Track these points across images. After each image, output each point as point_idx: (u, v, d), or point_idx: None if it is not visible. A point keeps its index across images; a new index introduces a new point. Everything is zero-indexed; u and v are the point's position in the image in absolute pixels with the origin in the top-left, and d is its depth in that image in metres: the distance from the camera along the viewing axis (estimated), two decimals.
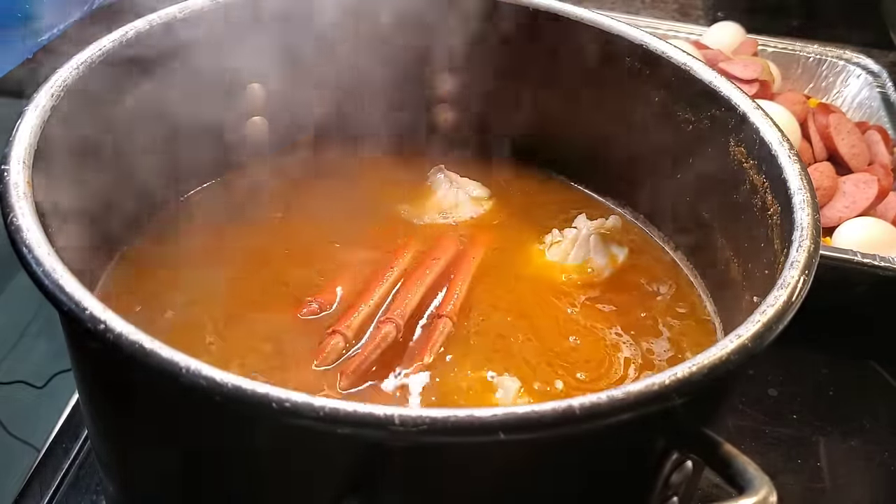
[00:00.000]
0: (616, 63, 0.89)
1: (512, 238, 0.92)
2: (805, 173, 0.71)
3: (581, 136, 0.96)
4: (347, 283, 0.82)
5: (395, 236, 0.90)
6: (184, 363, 0.51)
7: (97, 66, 0.75)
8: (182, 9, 0.83)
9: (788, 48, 1.54)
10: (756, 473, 0.53)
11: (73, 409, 0.97)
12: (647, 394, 0.52)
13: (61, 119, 0.70)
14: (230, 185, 0.94)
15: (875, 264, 1.04)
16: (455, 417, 0.50)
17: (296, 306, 0.79)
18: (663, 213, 0.93)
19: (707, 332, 0.83)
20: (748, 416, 1.04)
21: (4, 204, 0.60)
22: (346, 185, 0.96)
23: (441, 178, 0.96)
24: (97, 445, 0.75)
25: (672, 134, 0.87)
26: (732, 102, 0.79)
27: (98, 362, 0.62)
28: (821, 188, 1.23)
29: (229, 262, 0.84)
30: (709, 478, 0.60)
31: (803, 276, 0.62)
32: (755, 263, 0.75)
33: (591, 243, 0.88)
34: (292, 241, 0.88)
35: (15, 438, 1.15)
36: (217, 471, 0.61)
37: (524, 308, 0.83)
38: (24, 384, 1.22)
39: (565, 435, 0.53)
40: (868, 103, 1.44)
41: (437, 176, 0.96)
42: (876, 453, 1.02)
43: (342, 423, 0.49)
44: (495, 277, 0.86)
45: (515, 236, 0.92)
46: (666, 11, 1.86)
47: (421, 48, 0.95)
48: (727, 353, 0.56)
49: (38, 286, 0.56)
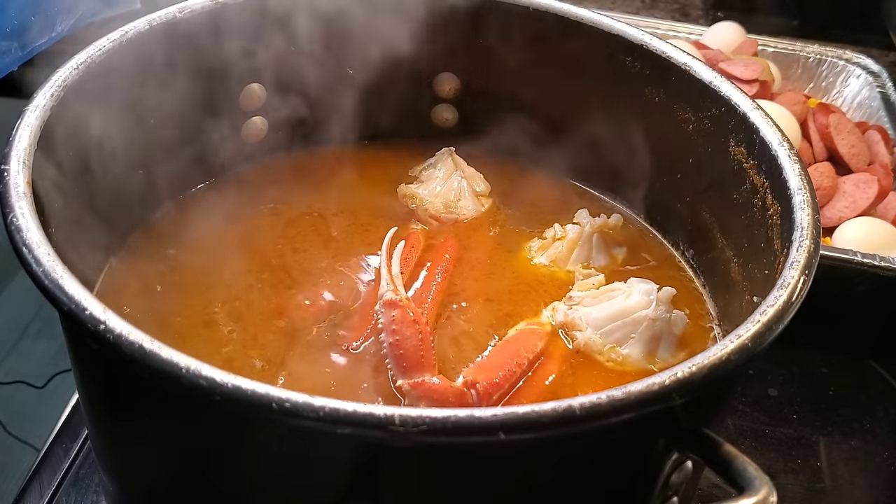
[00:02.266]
0: (616, 63, 0.89)
1: (509, 239, 0.91)
2: (805, 173, 0.71)
3: (581, 136, 0.95)
4: (348, 282, 0.83)
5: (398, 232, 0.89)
6: (184, 363, 0.51)
7: (97, 67, 0.75)
8: (182, 9, 0.83)
9: (788, 48, 1.54)
10: (756, 473, 0.53)
11: (73, 409, 0.97)
12: (648, 394, 0.52)
13: (61, 119, 0.70)
14: (229, 183, 0.94)
15: (875, 264, 1.04)
16: (455, 417, 0.50)
17: (302, 304, 0.80)
18: (663, 213, 0.93)
19: (706, 332, 0.83)
20: (748, 416, 1.04)
21: (4, 204, 0.60)
22: (345, 185, 0.96)
23: (447, 160, 0.95)
24: (97, 445, 0.75)
25: (672, 134, 0.87)
26: (732, 102, 0.79)
27: (98, 362, 0.62)
28: (821, 188, 1.23)
29: (230, 261, 0.84)
30: (709, 478, 0.60)
31: (803, 276, 0.62)
32: (755, 263, 0.75)
33: (594, 242, 0.88)
34: (292, 239, 0.88)
35: (15, 438, 1.15)
36: (217, 471, 0.61)
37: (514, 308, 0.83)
38: (24, 384, 1.22)
39: (565, 435, 0.53)
40: (868, 103, 1.44)
41: (444, 157, 0.95)
42: (876, 453, 1.02)
43: (342, 423, 0.49)
44: (494, 276, 0.86)
45: (513, 238, 0.92)
46: (666, 11, 1.86)
47: (421, 48, 0.95)
48: (727, 353, 0.56)
49: (38, 286, 0.56)
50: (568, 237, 0.88)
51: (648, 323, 0.77)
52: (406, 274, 0.81)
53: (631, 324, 0.78)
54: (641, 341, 0.77)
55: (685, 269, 0.89)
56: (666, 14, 1.84)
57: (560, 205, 0.95)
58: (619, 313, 0.78)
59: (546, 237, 0.90)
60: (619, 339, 0.78)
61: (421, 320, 0.73)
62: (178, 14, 0.83)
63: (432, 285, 0.82)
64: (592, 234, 0.88)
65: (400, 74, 0.97)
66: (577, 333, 0.79)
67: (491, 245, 0.90)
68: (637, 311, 0.78)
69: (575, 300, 0.81)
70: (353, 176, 0.97)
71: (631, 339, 0.78)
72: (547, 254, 0.89)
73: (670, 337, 0.78)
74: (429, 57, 0.97)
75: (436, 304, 0.81)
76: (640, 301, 0.78)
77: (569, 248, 0.88)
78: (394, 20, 0.93)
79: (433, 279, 0.83)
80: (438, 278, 0.83)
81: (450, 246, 0.88)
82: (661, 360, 0.78)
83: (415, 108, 1.01)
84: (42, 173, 0.66)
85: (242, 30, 0.88)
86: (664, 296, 0.78)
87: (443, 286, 0.83)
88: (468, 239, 0.91)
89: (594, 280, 0.83)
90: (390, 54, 0.95)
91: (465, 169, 0.95)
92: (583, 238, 0.88)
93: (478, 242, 0.90)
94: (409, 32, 0.93)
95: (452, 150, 0.95)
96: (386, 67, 0.96)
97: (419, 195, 0.92)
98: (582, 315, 0.80)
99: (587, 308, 0.80)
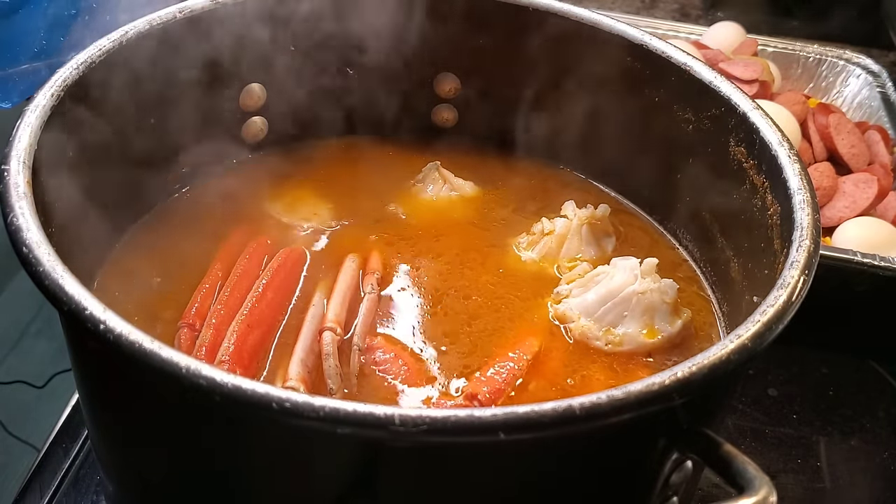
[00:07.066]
0: (616, 63, 0.89)
1: (502, 238, 0.91)
2: (805, 173, 0.71)
3: (581, 136, 0.95)
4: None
5: (386, 238, 0.89)
6: (184, 363, 0.51)
7: (97, 67, 0.75)
8: (182, 9, 0.83)
9: (788, 48, 1.54)
10: (756, 473, 0.53)
11: (73, 409, 0.97)
12: (648, 394, 0.52)
13: (61, 119, 0.70)
14: (229, 183, 0.94)
15: (875, 264, 1.04)
16: (455, 417, 0.50)
17: (298, 302, 0.80)
18: (663, 213, 0.93)
19: (705, 332, 0.83)
20: (748, 416, 1.04)
21: (4, 204, 0.60)
22: (344, 184, 0.96)
23: (434, 175, 0.95)
24: (97, 445, 0.75)
25: (672, 134, 0.86)
26: (732, 102, 0.79)
27: (98, 362, 0.62)
28: (821, 188, 1.23)
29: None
30: (709, 478, 0.59)
31: (803, 276, 0.62)
32: (755, 263, 0.75)
33: (583, 234, 0.87)
34: (290, 238, 0.88)
35: (15, 438, 1.15)
36: (217, 471, 0.61)
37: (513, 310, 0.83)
38: (24, 384, 1.22)
39: (565, 435, 0.53)
40: (868, 103, 1.44)
41: (431, 172, 0.95)
42: (876, 453, 1.02)
43: (342, 423, 0.49)
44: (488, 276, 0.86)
45: (501, 239, 0.91)
46: (666, 11, 1.86)
47: (420, 47, 0.95)
48: (727, 353, 0.56)
49: (38, 286, 0.56)
50: (556, 231, 0.87)
51: (638, 298, 0.77)
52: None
53: (621, 303, 0.78)
54: (635, 317, 0.77)
55: (686, 267, 0.89)
56: (666, 14, 1.84)
57: (558, 204, 0.95)
58: (608, 295, 0.78)
59: (534, 232, 0.89)
60: (613, 320, 0.78)
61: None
62: (178, 14, 0.83)
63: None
64: (581, 226, 0.87)
65: (400, 74, 0.98)
66: (571, 325, 0.79)
67: (483, 244, 0.90)
68: (624, 289, 0.78)
69: (563, 293, 0.81)
70: (353, 176, 0.97)
71: (624, 317, 0.78)
72: (537, 249, 0.88)
73: (663, 306, 0.78)
74: (429, 57, 0.97)
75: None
76: (626, 278, 0.78)
77: (558, 243, 0.87)
78: (394, 20, 0.93)
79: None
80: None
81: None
82: (660, 329, 0.78)
83: (415, 108, 1.01)
84: (42, 173, 0.66)
85: (242, 30, 0.88)
86: (647, 267, 0.78)
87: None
88: (463, 238, 0.90)
89: (579, 269, 0.83)
90: (390, 54, 0.95)
91: (454, 181, 0.96)
92: (571, 230, 0.87)
93: (473, 241, 0.90)
94: (409, 32, 0.94)
95: (438, 165, 0.96)
96: (386, 67, 0.96)
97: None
98: (572, 306, 0.80)
99: (576, 298, 0.80)
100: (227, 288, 0.78)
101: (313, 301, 0.78)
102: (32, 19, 1.05)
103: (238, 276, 0.79)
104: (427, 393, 0.73)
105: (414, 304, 0.81)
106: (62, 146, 0.70)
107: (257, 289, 0.77)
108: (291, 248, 0.85)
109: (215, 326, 0.73)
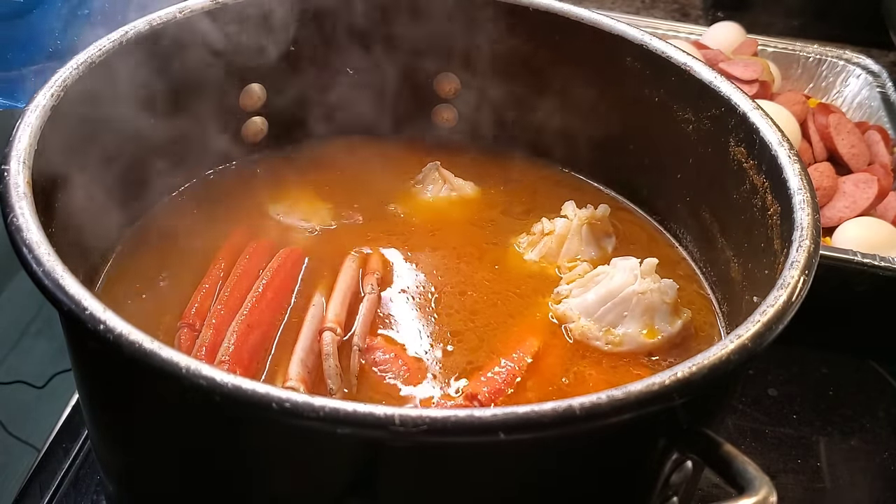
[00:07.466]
0: (616, 63, 0.89)
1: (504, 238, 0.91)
2: (805, 173, 0.71)
3: (580, 136, 0.96)
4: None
5: (385, 238, 0.89)
6: (184, 363, 0.51)
7: (97, 67, 0.75)
8: (182, 9, 0.83)
9: (788, 48, 1.54)
10: (756, 473, 0.53)
11: (73, 409, 0.97)
12: (648, 394, 0.52)
13: (61, 119, 0.70)
14: (228, 183, 0.94)
15: (875, 264, 1.04)
16: (455, 417, 0.50)
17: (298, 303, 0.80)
18: (663, 213, 0.93)
19: (705, 332, 0.83)
20: (748, 416, 1.04)
21: (4, 204, 0.60)
22: (344, 184, 0.96)
23: (434, 175, 0.95)
24: (97, 445, 0.75)
25: (672, 134, 0.86)
26: (732, 102, 0.79)
27: (98, 362, 0.62)
28: (821, 188, 1.23)
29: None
30: (709, 478, 0.59)
31: (803, 276, 0.62)
32: (755, 263, 0.75)
33: (583, 234, 0.87)
34: (290, 239, 0.88)
35: (15, 438, 1.15)
36: (217, 471, 0.61)
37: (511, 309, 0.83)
38: (24, 384, 1.22)
39: (566, 435, 0.53)
40: (868, 103, 1.44)
41: (431, 172, 0.95)
42: (876, 453, 1.02)
43: (342, 423, 0.49)
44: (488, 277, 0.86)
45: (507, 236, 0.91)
46: (666, 11, 1.86)
47: (420, 47, 0.95)
48: (727, 353, 0.56)
49: (38, 286, 0.56)
50: (556, 231, 0.87)
51: (638, 298, 0.77)
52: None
53: (621, 303, 0.78)
54: (635, 317, 0.77)
55: (691, 268, 0.89)
56: (666, 14, 1.84)
57: (559, 203, 0.95)
58: (608, 295, 0.78)
59: (534, 232, 0.89)
60: (613, 320, 0.78)
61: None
62: (178, 14, 0.83)
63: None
64: (581, 226, 0.87)
65: (400, 74, 0.98)
66: (571, 325, 0.79)
67: (483, 244, 0.90)
68: (624, 289, 0.78)
69: (563, 294, 0.81)
70: (353, 176, 0.97)
71: (624, 317, 0.78)
72: (537, 249, 0.88)
73: (663, 306, 0.78)
74: (429, 57, 0.97)
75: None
76: (626, 278, 0.78)
77: (558, 243, 0.87)
78: (393, 20, 0.93)
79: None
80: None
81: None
82: (661, 329, 0.78)
83: (415, 108, 1.01)
84: (42, 173, 0.66)
85: (242, 30, 0.88)
86: (647, 267, 0.78)
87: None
88: (463, 238, 0.90)
89: (579, 269, 0.83)
90: (390, 54, 0.95)
91: (454, 181, 0.96)
92: (571, 231, 0.87)
93: (473, 241, 0.90)
94: (409, 32, 0.94)
95: (438, 165, 0.95)
96: (386, 67, 0.96)
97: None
98: (572, 306, 0.80)
99: (576, 298, 0.80)
100: (227, 288, 0.78)
101: (313, 301, 0.78)
102: (47, 19, 1.05)
103: (238, 276, 0.79)
104: (427, 393, 0.73)
105: (414, 304, 0.81)
106: (62, 146, 0.70)
107: (257, 289, 0.78)
108: (291, 249, 0.85)
109: (215, 326, 0.73)
